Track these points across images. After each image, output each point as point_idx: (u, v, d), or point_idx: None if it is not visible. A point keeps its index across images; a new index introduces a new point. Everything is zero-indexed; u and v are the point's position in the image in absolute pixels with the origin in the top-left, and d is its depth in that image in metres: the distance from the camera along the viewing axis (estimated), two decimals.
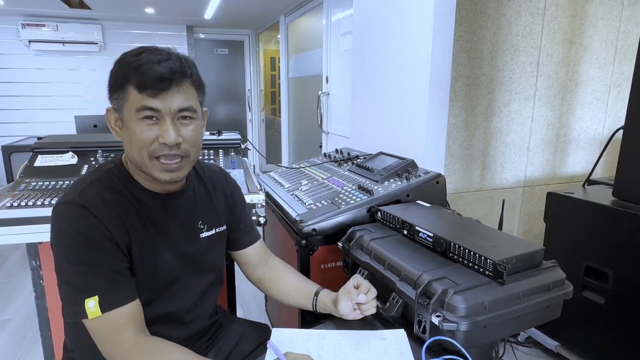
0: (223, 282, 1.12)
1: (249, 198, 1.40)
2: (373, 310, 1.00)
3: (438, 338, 0.86)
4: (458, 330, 0.84)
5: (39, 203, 1.31)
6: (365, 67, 2.20)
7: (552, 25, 2.17)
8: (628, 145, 1.52)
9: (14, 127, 5.00)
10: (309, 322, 1.24)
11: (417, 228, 1.16)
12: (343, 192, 1.55)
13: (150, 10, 4.62)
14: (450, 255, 1.04)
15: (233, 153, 1.81)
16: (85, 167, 1.59)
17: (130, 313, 0.83)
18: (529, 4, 2.09)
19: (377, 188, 1.50)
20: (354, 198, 1.46)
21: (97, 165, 1.25)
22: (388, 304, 1.01)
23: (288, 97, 4.82)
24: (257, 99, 6.29)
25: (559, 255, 1.17)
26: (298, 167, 2.03)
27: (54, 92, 5.16)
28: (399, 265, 1.03)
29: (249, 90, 6.32)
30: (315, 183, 1.73)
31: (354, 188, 1.56)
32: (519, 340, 2.04)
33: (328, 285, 1.09)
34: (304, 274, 1.17)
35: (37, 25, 4.82)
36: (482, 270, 0.95)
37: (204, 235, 1.01)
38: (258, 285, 1.16)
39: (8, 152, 2.02)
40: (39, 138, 1.83)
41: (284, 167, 2.11)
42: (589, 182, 1.97)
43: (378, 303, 1.01)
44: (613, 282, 1.57)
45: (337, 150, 2.17)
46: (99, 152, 1.64)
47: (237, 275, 1.55)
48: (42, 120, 5.11)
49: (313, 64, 3.89)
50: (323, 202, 1.50)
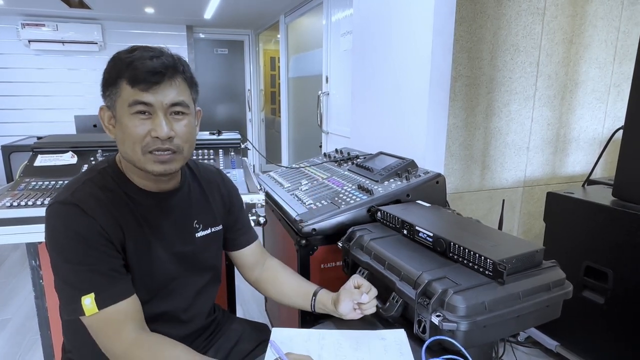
0: (220, 281, 1.12)
1: (249, 198, 1.40)
2: (373, 310, 1.00)
3: (438, 338, 0.86)
4: (458, 330, 0.84)
5: (39, 203, 1.31)
6: (365, 67, 2.20)
7: (552, 25, 2.17)
8: (628, 145, 1.53)
9: (14, 126, 5.00)
10: (309, 321, 1.23)
11: (417, 228, 1.16)
12: (343, 192, 1.55)
13: (150, 10, 4.62)
14: (450, 255, 1.04)
15: (233, 153, 1.81)
16: (85, 166, 1.59)
17: (128, 310, 0.83)
18: (529, 4, 2.09)
19: (377, 188, 1.50)
20: (354, 198, 1.46)
21: (91, 165, 1.25)
22: (388, 304, 1.01)
23: (288, 97, 4.82)
24: (257, 99, 6.29)
25: (559, 255, 1.17)
26: (298, 167, 2.03)
27: (54, 91, 5.16)
28: (399, 265, 1.03)
29: (249, 90, 6.31)
30: (315, 183, 1.73)
31: (354, 188, 1.56)
32: (519, 340, 2.04)
33: (328, 285, 1.08)
34: (304, 274, 1.17)
35: (36, 25, 4.82)
36: (482, 270, 0.95)
37: (200, 235, 1.00)
38: (256, 287, 1.16)
39: (8, 151, 2.03)
40: (39, 138, 1.83)
41: (284, 167, 2.11)
42: (589, 182, 1.97)
43: (378, 303, 1.01)
44: (613, 282, 1.57)
45: (337, 150, 2.17)
46: (99, 151, 1.64)
47: (237, 275, 1.55)
48: (41, 120, 5.11)
49: (313, 64, 3.89)
50: (323, 202, 1.50)
